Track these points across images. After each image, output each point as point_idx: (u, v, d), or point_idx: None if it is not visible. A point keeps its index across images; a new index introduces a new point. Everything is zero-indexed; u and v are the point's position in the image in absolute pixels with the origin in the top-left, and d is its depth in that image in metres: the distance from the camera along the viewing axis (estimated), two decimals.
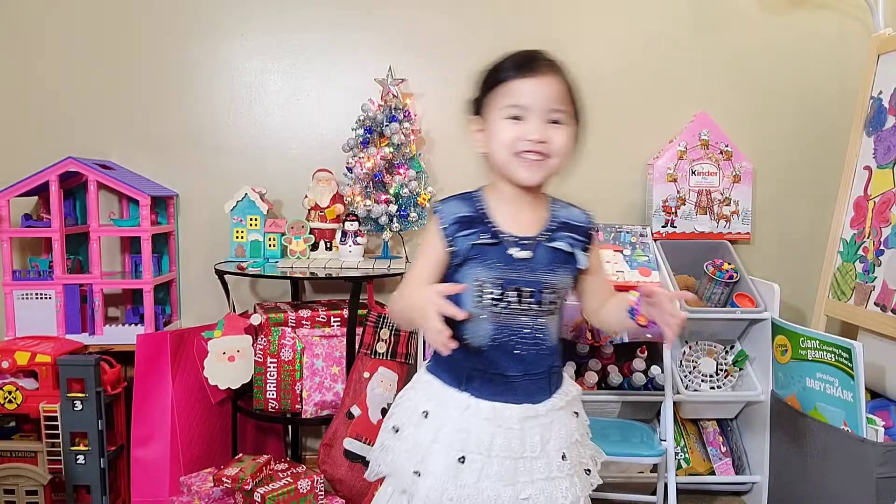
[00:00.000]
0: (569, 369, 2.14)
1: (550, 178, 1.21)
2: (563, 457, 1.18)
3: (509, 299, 1.18)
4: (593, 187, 2.45)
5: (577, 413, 1.26)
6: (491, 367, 1.19)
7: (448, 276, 1.21)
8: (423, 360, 2.12)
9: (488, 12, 2.40)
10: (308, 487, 1.86)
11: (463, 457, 1.15)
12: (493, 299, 1.18)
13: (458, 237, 1.18)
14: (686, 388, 2.19)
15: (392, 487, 1.24)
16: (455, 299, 1.14)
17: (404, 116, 2.25)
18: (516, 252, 1.18)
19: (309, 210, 2.30)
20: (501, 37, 2.41)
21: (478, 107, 1.23)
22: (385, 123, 2.23)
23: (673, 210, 2.41)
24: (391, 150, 2.23)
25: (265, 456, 1.92)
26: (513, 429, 1.16)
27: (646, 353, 2.20)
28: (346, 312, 2.11)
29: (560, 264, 1.21)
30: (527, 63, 1.17)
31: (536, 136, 1.15)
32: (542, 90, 1.16)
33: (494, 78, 1.19)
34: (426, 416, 1.20)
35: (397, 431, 1.23)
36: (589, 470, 1.25)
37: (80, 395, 1.86)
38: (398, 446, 1.22)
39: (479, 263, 1.18)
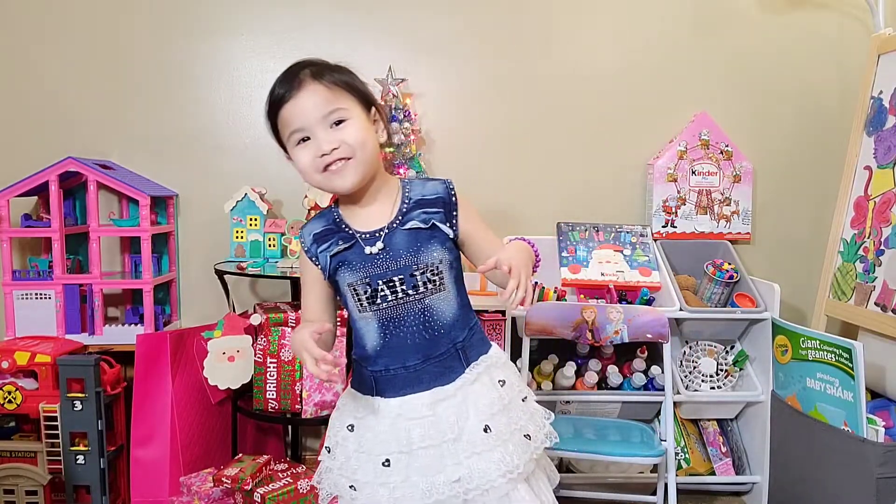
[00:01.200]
0: (568, 369, 2.14)
1: (371, 170, 1.20)
2: (486, 429, 1.16)
3: (384, 294, 1.19)
4: (593, 187, 2.47)
5: (502, 381, 1.22)
6: (391, 363, 1.20)
7: (336, 290, 1.25)
8: None
9: (488, 12, 2.40)
10: (308, 487, 1.86)
11: (387, 459, 1.17)
12: (368, 298, 1.19)
13: (320, 253, 1.22)
14: (686, 389, 2.19)
15: None
16: (348, 309, 1.24)
17: (404, 116, 2.25)
18: (369, 248, 1.19)
19: (309, 210, 2.29)
20: (501, 37, 2.42)
21: (277, 137, 1.26)
22: None
23: (673, 210, 2.41)
24: (391, 150, 2.23)
25: (265, 456, 1.92)
26: (425, 417, 1.17)
27: (646, 353, 2.19)
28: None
29: (425, 240, 1.19)
30: (282, 87, 1.18)
31: (326, 147, 1.16)
32: (308, 103, 1.16)
33: (269, 111, 1.21)
34: (351, 430, 1.23)
35: (330, 451, 1.26)
36: (529, 435, 1.21)
37: (79, 395, 1.86)
38: (333, 465, 1.24)
39: (345, 269, 1.20)
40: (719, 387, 2.23)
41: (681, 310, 2.14)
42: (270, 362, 2.04)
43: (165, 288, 2.37)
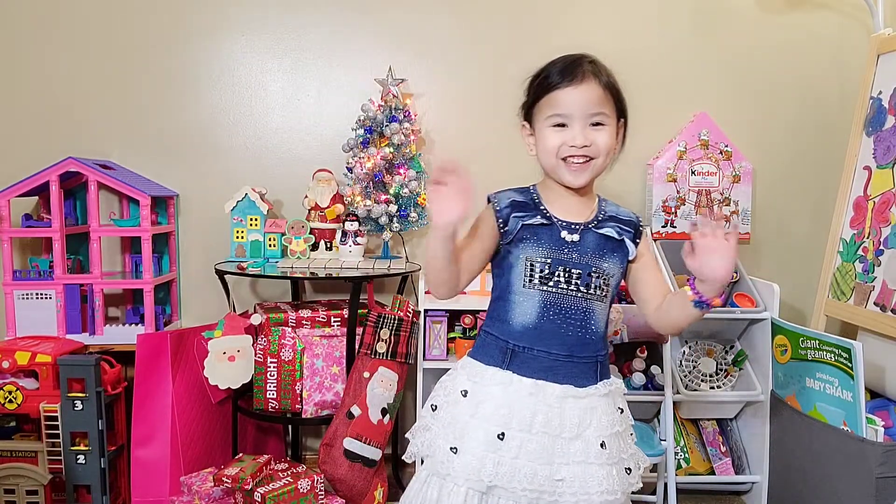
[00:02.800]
0: None
1: (598, 175, 1.28)
2: (603, 445, 1.19)
3: (558, 279, 1.24)
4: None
5: (621, 409, 1.28)
6: (536, 344, 1.23)
7: (499, 258, 1.29)
8: (423, 359, 2.12)
9: (488, 12, 2.40)
10: (308, 487, 1.86)
11: (503, 433, 1.18)
12: (541, 277, 1.24)
13: (512, 217, 1.26)
14: (686, 388, 2.19)
15: (427, 471, 1.26)
16: (507, 279, 1.27)
17: (404, 116, 2.26)
18: (566, 234, 1.25)
19: (309, 210, 2.30)
20: (501, 37, 2.42)
21: (527, 113, 1.32)
22: (385, 123, 2.23)
23: (673, 210, 2.41)
24: (391, 150, 2.23)
25: (265, 456, 1.92)
26: (553, 406, 1.20)
27: (646, 353, 2.20)
28: (346, 312, 2.11)
29: (609, 251, 1.27)
30: (567, 72, 1.24)
31: (580, 141, 1.22)
32: (582, 97, 1.23)
33: (538, 87, 1.28)
34: (465, 395, 1.24)
35: (435, 409, 1.28)
36: (630, 469, 1.24)
37: (80, 394, 1.86)
38: (435, 424, 1.26)
39: (531, 243, 1.25)
40: (719, 386, 2.23)
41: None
42: (271, 362, 2.04)
43: (166, 288, 2.37)
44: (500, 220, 1.27)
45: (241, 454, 1.98)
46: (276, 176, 2.39)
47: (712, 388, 2.23)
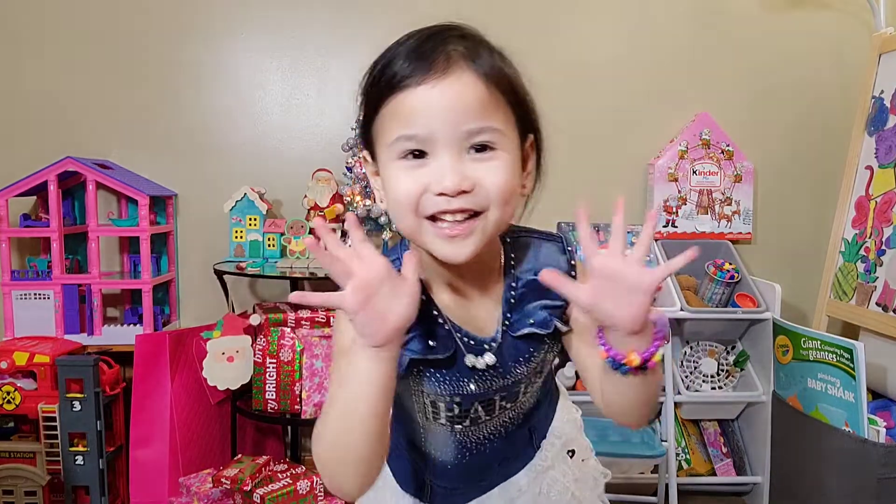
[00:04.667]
0: (569, 369, 2.13)
1: (492, 238, 0.77)
2: None
3: (475, 415, 0.84)
4: (593, 187, 2.46)
5: (571, 452, 0.95)
6: (459, 483, 0.91)
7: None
8: None
9: (488, 12, 2.39)
10: (307, 488, 1.85)
11: None
12: (450, 418, 0.84)
13: None
14: (687, 389, 2.19)
15: None
16: (402, 402, 0.86)
17: None
18: (474, 360, 0.80)
19: (308, 210, 2.29)
20: (500, 36, 2.41)
21: (365, 135, 0.81)
22: None
23: (674, 210, 2.40)
24: None
25: (264, 457, 1.92)
26: None
27: None
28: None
29: (538, 346, 0.83)
30: (410, 60, 0.74)
31: (450, 183, 0.70)
32: (450, 103, 0.71)
33: (372, 90, 0.77)
34: None
35: None
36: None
37: (78, 395, 1.85)
38: None
39: (425, 377, 0.81)
40: (720, 387, 2.23)
41: (682, 310, 2.13)
42: (270, 362, 2.03)
43: (164, 288, 2.36)
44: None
45: (240, 455, 1.97)
46: (276, 176, 2.38)
47: (713, 388, 2.22)
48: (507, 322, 0.81)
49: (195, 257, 2.39)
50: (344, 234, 2.22)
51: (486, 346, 0.81)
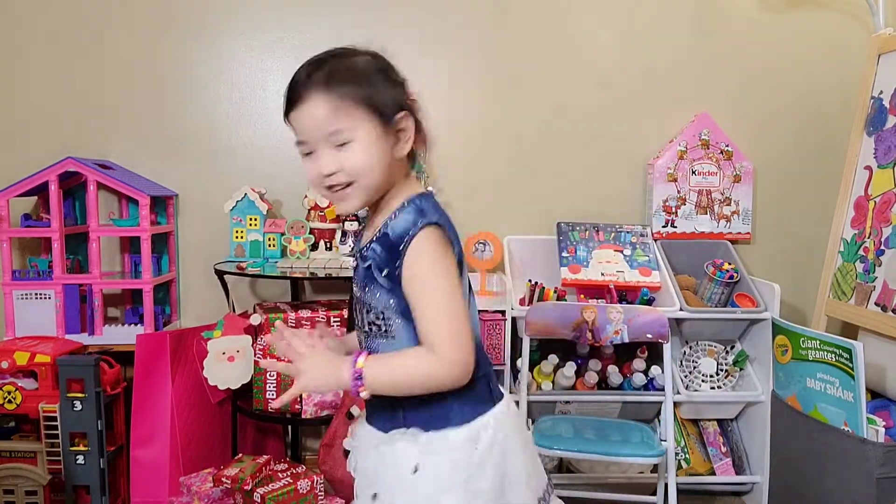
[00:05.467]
0: (569, 369, 2.13)
1: (378, 191, 1.08)
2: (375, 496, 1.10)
3: (353, 315, 1.15)
4: (593, 187, 2.46)
5: (376, 495, 1.10)
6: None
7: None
8: None
9: (488, 12, 2.40)
10: (308, 488, 1.85)
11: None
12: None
13: None
14: (686, 389, 2.19)
15: None
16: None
17: None
18: (351, 262, 1.15)
19: (309, 210, 2.30)
20: (502, 36, 2.41)
21: None
22: None
23: (673, 210, 2.40)
24: None
25: (265, 456, 1.92)
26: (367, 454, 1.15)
27: (646, 353, 2.19)
28: (345, 312, 2.11)
29: (371, 281, 1.06)
30: (288, 92, 1.06)
31: (326, 168, 1.04)
32: (308, 121, 1.04)
33: (284, 114, 1.09)
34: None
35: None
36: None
37: (79, 395, 1.86)
38: None
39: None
40: (719, 387, 2.23)
41: (681, 310, 2.13)
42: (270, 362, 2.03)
43: (165, 288, 2.37)
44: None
45: (240, 455, 1.97)
46: (276, 176, 2.38)
47: (713, 388, 2.22)
48: (365, 248, 1.09)
49: (196, 257, 2.40)
50: (344, 234, 2.23)
51: (352, 253, 1.18)
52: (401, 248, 1.02)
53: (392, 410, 1.09)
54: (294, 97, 1.05)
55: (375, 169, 1.05)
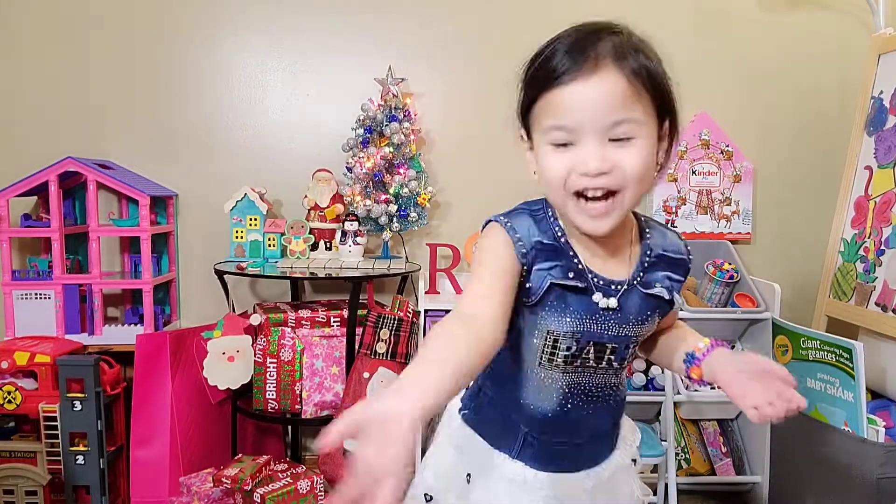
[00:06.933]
0: None
1: (627, 213, 0.90)
2: None
3: (587, 356, 0.92)
4: None
5: (634, 460, 1.05)
6: (556, 434, 0.95)
7: (510, 322, 0.89)
8: None
9: (488, 11, 2.40)
10: (308, 488, 1.85)
11: None
12: (566, 357, 0.91)
13: (536, 270, 0.89)
14: (686, 388, 2.19)
15: None
16: (517, 351, 0.93)
17: (404, 116, 2.25)
18: (602, 299, 0.90)
19: (309, 210, 2.29)
20: (502, 36, 2.41)
21: (524, 117, 0.92)
22: (385, 123, 2.22)
23: (673, 210, 2.40)
24: (391, 149, 2.23)
25: (265, 456, 1.92)
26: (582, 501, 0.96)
27: None
28: (345, 312, 2.11)
29: (653, 311, 0.94)
30: (566, 60, 0.84)
31: (593, 166, 0.83)
32: (596, 100, 0.82)
33: (532, 81, 0.88)
34: (469, 482, 0.96)
35: (430, 501, 0.99)
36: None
37: (79, 395, 1.85)
38: None
39: (556, 311, 0.90)
40: (720, 387, 2.23)
41: (681, 310, 2.13)
42: (270, 362, 2.03)
43: (165, 288, 2.36)
44: (524, 266, 0.89)
45: (240, 455, 1.98)
46: (276, 176, 2.38)
47: (713, 388, 2.22)
48: (639, 277, 0.93)
49: (196, 257, 2.40)
50: (344, 234, 2.22)
51: (612, 289, 0.91)
52: (689, 267, 0.98)
53: (614, 428, 1.02)
54: (576, 68, 0.83)
55: (647, 179, 0.86)
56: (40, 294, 2.13)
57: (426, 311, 2.12)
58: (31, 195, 2.17)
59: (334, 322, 2.12)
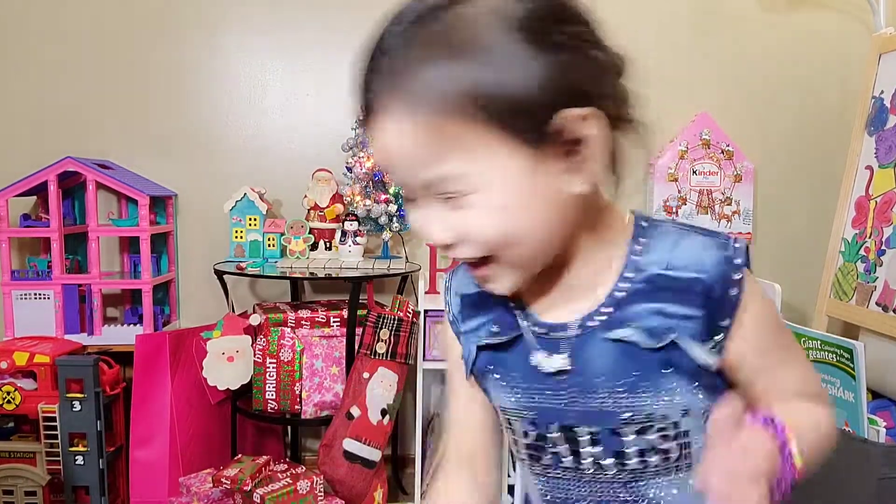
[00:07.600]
0: None
1: (542, 260, 0.61)
2: None
3: (554, 450, 0.65)
4: None
5: None
6: None
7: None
8: (423, 360, 2.10)
9: None
10: (307, 488, 1.85)
11: None
12: (528, 448, 0.67)
13: (465, 334, 0.68)
14: None
15: None
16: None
17: None
18: (543, 360, 0.62)
19: (308, 210, 2.29)
20: None
21: None
22: None
23: (674, 210, 2.40)
24: None
25: (264, 457, 1.92)
26: None
27: None
28: (345, 313, 2.10)
29: (648, 371, 0.60)
30: (356, 95, 0.59)
31: (436, 238, 0.59)
32: (388, 155, 0.58)
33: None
34: None
35: None
36: None
37: (78, 395, 1.85)
38: None
39: (499, 382, 0.66)
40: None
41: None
42: (270, 362, 2.03)
43: (164, 288, 2.36)
44: (458, 334, 0.70)
45: (240, 455, 1.97)
46: (276, 175, 2.38)
47: None
48: (603, 317, 0.61)
49: (195, 257, 2.39)
50: (344, 234, 2.22)
51: (559, 339, 0.62)
52: (730, 293, 0.60)
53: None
54: (361, 102, 0.59)
55: (518, 234, 0.58)
56: (39, 294, 2.13)
57: (426, 311, 2.11)
58: (30, 195, 2.17)
59: (334, 322, 2.12)
